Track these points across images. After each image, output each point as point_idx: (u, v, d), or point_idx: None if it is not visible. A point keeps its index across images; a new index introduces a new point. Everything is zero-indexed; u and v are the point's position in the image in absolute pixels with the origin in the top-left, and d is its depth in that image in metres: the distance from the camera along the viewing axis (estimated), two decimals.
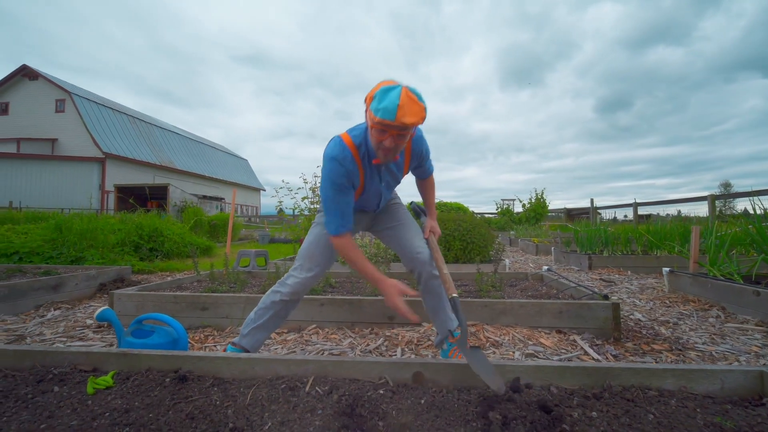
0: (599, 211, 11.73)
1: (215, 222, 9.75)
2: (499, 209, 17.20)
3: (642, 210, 9.41)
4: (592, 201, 11.49)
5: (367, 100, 1.33)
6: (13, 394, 1.15)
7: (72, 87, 22.68)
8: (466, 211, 10.18)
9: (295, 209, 5.97)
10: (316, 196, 5.65)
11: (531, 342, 1.93)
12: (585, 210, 13.59)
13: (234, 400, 1.11)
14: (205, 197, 19.58)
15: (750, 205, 3.45)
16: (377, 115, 1.24)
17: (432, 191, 1.81)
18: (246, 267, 3.94)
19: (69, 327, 2.30)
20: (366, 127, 1.44)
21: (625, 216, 12.06)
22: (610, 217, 12.63)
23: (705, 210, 6.87)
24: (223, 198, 22.48)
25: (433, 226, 1.73)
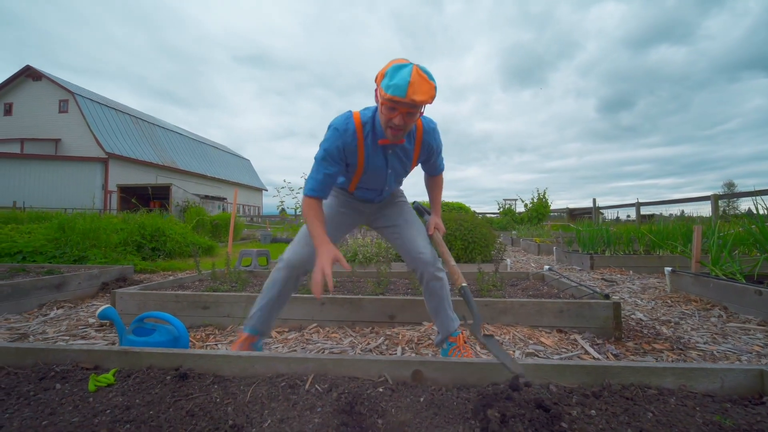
0: (602, 211, 11.70)
1: (217, 222, 9.77)
2: (501, 209, 17.18)
3: (645, 210, 9.38)
4: (594, 201, 11.47)
5: (378, 77, 1.33)
6: (16, 391, 1.16)
7: (75, 87, 22.79)
8: (467, 211, 10.17)
9: (297, 209, 5.99)
10: None
11: (531, 341, 1.93)
12: (587, 210, 13.56)
13: (234, 397, 1.12)
14: (208, 197, 19.63)
15: (753, 205, 3.44)
16: (388, 92, 1.25)
17: (439, 190, 1.81)
18: (248, 266, 3.95)
19: (71, 325, 2.31)
20: (376, 108, 1.45)
21: (628, 216, 12.02)
22: (612, 217, 12.60)
23: (708, 210, 6.85)
24: (226, 198, 22.53)
25: (438, 223, 1.73)
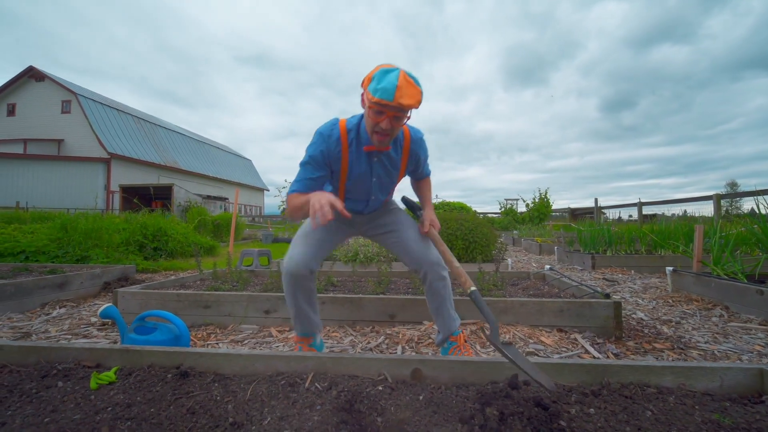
0: (603, 211, 11.68)
1: (219, 222, 9.80)
2: (503, 209, 17.17)
3: (647, 210, 9.35)
4: (596, 201, 11.44)
5: (365, 81, 1.32)
6: (18, 389, 1.17)
7: (78, 88, 22.86)
8: (468, 211, 10.17)
9: None
10: None
11: (532, 340, 1.93)
12: (589, 210, 13.53)
13: (234, 395, 1.13)
14: (209, 197, 19.68)
15: (755, 205, 3.43)
16: (375, 95, 1.25)
17: (428, 190, 1.80)
18: (249, 266, 3.96)
19: (74, 324, 2.32)
20: (361, 116, 1.45)
21: (630, 216, 12.00)
22: (614, 217, 12.58)
23: (711, 209, 6.83)
24: (227, 198, 22.60)
25: (432, 218, 1.65)
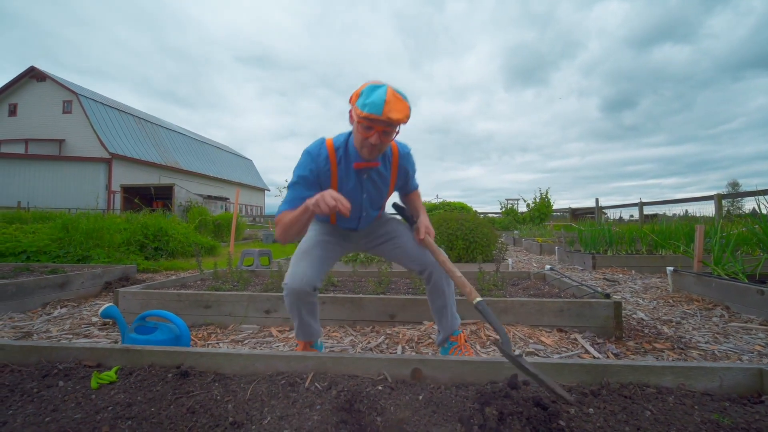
0: (604, 211, 11.67)
1: (220, 222, 9.81)
2: (504, 209, 17.16)
3: (648, 209, 9.34)
4: (597, 201, 11.43)
5: (353, 98, 1.34)
6: (19, 388, 1.17)
7: (79, 88, 22.90)
8: (469, 211, 10.16)
9: None
10: None
11: (532, 340, 1.93)
12: (590, 210, 13.52)
13: (234, 395, 1.13)
14: (210, 197, 19.72)
15: (756, 205, 3.42)
16: (364, 110, 1.26)
17: (418, 201, 1.77)
18: (250, 266, 3.96)
19: (75, 324, 2.33)
20: (349, 133, 1.47)
21: (631, 216, 11.99)
22: (615, 217, 12.56)
23: (712, 209, 6.82)
24: (228, 198, 22.62)
25: (427, 225, 1.63)
